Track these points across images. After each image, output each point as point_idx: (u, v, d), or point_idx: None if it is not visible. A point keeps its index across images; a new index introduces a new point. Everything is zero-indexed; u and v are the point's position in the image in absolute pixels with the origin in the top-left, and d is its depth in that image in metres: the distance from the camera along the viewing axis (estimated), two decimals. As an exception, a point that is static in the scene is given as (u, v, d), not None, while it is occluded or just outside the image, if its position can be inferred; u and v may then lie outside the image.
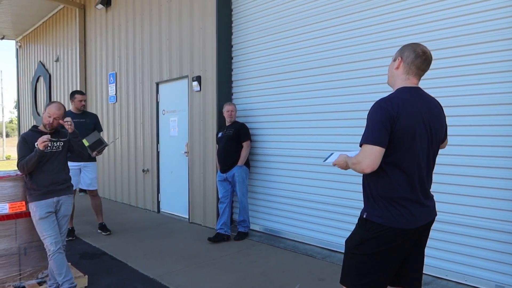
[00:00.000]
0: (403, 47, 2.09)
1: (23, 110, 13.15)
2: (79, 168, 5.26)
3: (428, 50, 2.06)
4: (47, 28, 10.93)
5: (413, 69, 2.04)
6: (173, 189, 6.56)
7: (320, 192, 4.59)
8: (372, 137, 1.92)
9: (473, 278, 3.40)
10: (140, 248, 4.83)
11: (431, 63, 2.07)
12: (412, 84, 2.07)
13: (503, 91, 3.24)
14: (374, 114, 1.96)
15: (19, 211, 3.43)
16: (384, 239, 1.99)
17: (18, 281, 3.43)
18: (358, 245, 2.06)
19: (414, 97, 2.01)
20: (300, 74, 4.76)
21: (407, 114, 1.94)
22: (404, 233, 1.98)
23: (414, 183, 1.98)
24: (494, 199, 3.29)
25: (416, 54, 2.02)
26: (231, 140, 5.04)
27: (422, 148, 1.99)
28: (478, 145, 3.38)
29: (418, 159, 1.98)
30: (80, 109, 5.32)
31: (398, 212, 1.97)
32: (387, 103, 1.95)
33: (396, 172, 1.97)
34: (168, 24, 6.47)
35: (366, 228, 2.04)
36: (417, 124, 1.96)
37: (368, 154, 1.91)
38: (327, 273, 3.89)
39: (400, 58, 2.07)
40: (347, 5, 4.27)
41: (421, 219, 2.02)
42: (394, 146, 1.94)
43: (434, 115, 2.04)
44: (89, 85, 8.87)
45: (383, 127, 1.91)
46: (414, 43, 2.09)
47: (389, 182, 1.98)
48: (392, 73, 2.13)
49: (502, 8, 3.22)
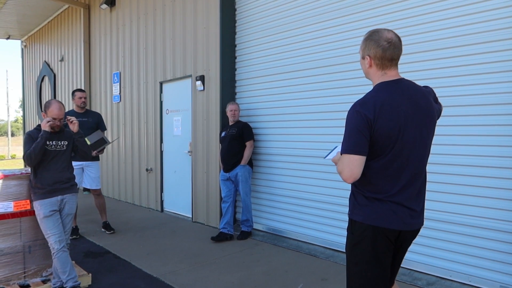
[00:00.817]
0: (365, 43, 1.93)
1: (28, 110, 13.23)
2: (82, 167, 5.28)
3: (391, 34, 1.89)
4: (52, 28, 10.98)
5: (386, 63, 1.90)
6: (177, 188, 6.58)
7: (323, 192, 4.58)
8: (350, 146, 1.82)
9: (477, 278, 3.38)
10: (144, 247, 4.85)
11: (401, 44, 1.92)
12: (390, 77, 1.92)
13: (505, 91, 3.22)
14: (351, 121, 1.84)
15: (24, 210, 3.45)
16: (370, 240, 1.90)
17: (22, 279, 3.46)
18: (351, 249, 1.99)
19: (394, 94, 1.86)
20: (303, 73, 4.76)
21: (387, 115, 1.81)
22: (388, 233, 1.89)
23: (401, 184, 1.88)
24: (498, 199, 3.27)
25: (382, 48, 1.87)
26: (234, 140, 5.05)
27: (409, 147, 1.86)
28: (482, 145, 3.36)
29: (406, 160, 1.87)
30: (81, 106, 5.34)
31: (382, 211, 1.88)
32: (363, 107, 1.83)
33: (381, 175, 1.87)
34: (172, 23, 6.49)
35: (352, 229, 1.98)
36: (399, 123, 1.83)
37: (346, 165, 1.82)
38: (330, 273, 3.88)
39: (368, 56, 1.93)
40: (350, 5, 4.26)
41: (407, 223, 1.90)
42: (376, 149, 1.84)
43: (420, 107, 1.89)
44: (93, 84, 8.91)
45: (361, 134, 1.81)
46: (373, 33, 1.91)
47: (374, 185, 1.89)
48: (366, 71, 1.99)
49: (503, 8, 3.20)
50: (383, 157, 1.86)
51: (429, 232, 3.65)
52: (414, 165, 1.90)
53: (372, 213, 1.90)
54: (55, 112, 3.27)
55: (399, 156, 1.86)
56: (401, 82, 1.92)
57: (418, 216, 1.96)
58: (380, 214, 1.88)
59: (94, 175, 5.41)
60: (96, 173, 5.44)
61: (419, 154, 1.91)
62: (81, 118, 5.26)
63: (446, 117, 3.51)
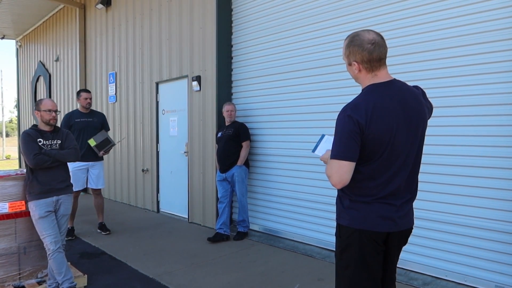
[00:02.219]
0: (349, 50, 1.88)
1: (23, 110, 13.15)
2: (87, 167, 5.28)
3: (372, 34, 1.84)
4: (47, 27, 10.93)
5: (375, 64, 1.84)
6: (173, 189, 6.56)
7: (319, 192, 4.59)
8: (340, 151, 1.78)
9: (473, 278, 3.40)
10: (140, 247, 4.83)
11: (385, 41, 1.86)
12: (381, 78, 1.87)
13: (504, 91, 3.24)
14: (342, 126, 1.80)
15: (19, 211, 3.43)
16: (357, 243, 1.87)
17: (17, 280, 3.44)
18: (340, 254, 1.96)
19: (385, 97, 1.82)
20: (299, 74, 4.76)
21: (379, 119, 1.77)
22: (375, 236, 1.86)
23: (391, 188, 1.85)
24: (493, 199, 3.29)
25: (368, 50, 1.81)
26: (231, 140, 5.04)
27: (401, 150, 1.83)
28: (477, 145, 3.38)
29: (397, 163, 1.84)
30: (86, 107, 5.33)
31: (368, 214, 1.86)
32: (355, 111, 1.78)
33: (370, 179, 1.84)
34: (168, 24, 6.47)
35: (340, 234, 1.96)
36: (391, 127, 1.79)
37: (335, 170, 1.79)
38: (327, 273, 3.88)
39: (356, 62, 1.87)
40: (347, 5, 4.27)
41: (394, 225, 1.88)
42: (367, 153, 1.81)
43: (412, 110, 1.85)
44: (89, 84, 8.87)
45: (351, 139, 1.77)
46: (354, 38, 1.86)
47: (363, 189, 1.86)
48: (355, 76, 1.93)
49: (503, 8, 3.22)
50: (373, 161, 1.83)
51: (424, 232, 3.66)
52: (405, 168, 1.87)
53: (358, 216, 1.87)
54: (49, 103, 3.33)
55: (390, 160, 1.83)
56: (392, 84, 1.87)
57: (405, 217, 1.92)
58: (366, 217, 1.86)
59: (98, 175, 5.41)
60: (100, 172, 5.44)
61: (411, 157, 1.88)
62: (87, 118, 5.27)
63: (439, 117, 3.52)
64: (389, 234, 1.90)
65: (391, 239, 1.93)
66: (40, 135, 3.31)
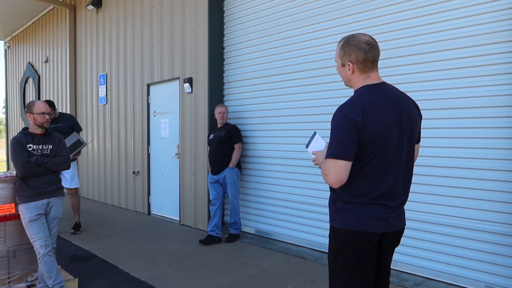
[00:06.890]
0: (344, 50, 1.92)
1: (11, 111, 12.97)
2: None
3: (367, 37, 1.89)
4: (36, 28, 10.81)
5: (369, 65, 1.89)
6: (164, 191, 6.53)
7: (311, 194, 4.60)
8: (337, 151, 1.78)
9: (463, 279, 3.44)
10: (131, 250, 4.80)
11: (378, 45, 1.92)
12: (373, 80, 1.91)
13: (506, 93, 3.24)
14: (339, 125, 1.81)
15: (8, 214, 3.38)
16: (352, 245, 1.88)
17: (7, 284, 3.38)
18: (334, 256, 1.97)
19: (379, 96, 1.86)
20: (291, 76, 4.78)
21: (375, 118, 1.80)
22: (369, 237, 1.87)
23: (384, 188, 1.86)
24: (483, 200, 3.34)
25: (364, 51, 1.86)
26: (223, 142, 5.04)
27: (394, 150, 1.86)
28: (467, 147, 3.42)
29: (391, 163, 1.86)
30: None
31: (362, 215, 1.86)
32: (352, 110, 1.80)
33: (364, 179, 1.85)
34: (159, 25, 6.45)
35: (334, 236, 1.96)
36: (386, 125, 1.82)
37: (332, 170, 1.78)
38: (319, 275, 3.90)
39: (350, 63, 1.90)
40: (338, 9, 4.30)
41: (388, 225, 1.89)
42: (362, 152, 1.82)
43: (404, 110, 1.89)
44: (79, 86, 8.79)
45: (348, 139, 1.78)
46: (350, 39, 1.91)
47: (357, 189, 1.87)
48: (347, 78, 1.96)
49: (504, 9, 3.24)
50: (368, 160, 1.84)
51: (415, 233, 3.70)
52: (397, 167, 1.89)
53: (353, 218, 1.87)
54: (42, 106, 3.32)
55: (383, 159, 1.85)
56: (384, 86, 1.92)
57: (398, 217, 1.94)
58: (361, 218, 1.86)
59: (72, 174, 5.50)
60: (73, 172, 5.52)
61: (402, 156, 1.90)
62: (56, 124, 5.28)
63: (428, 119, 3.56)
64: (383, 235, 1.91)
65: (385, 240, 1.94)
66: (31, 139, 3.26)
